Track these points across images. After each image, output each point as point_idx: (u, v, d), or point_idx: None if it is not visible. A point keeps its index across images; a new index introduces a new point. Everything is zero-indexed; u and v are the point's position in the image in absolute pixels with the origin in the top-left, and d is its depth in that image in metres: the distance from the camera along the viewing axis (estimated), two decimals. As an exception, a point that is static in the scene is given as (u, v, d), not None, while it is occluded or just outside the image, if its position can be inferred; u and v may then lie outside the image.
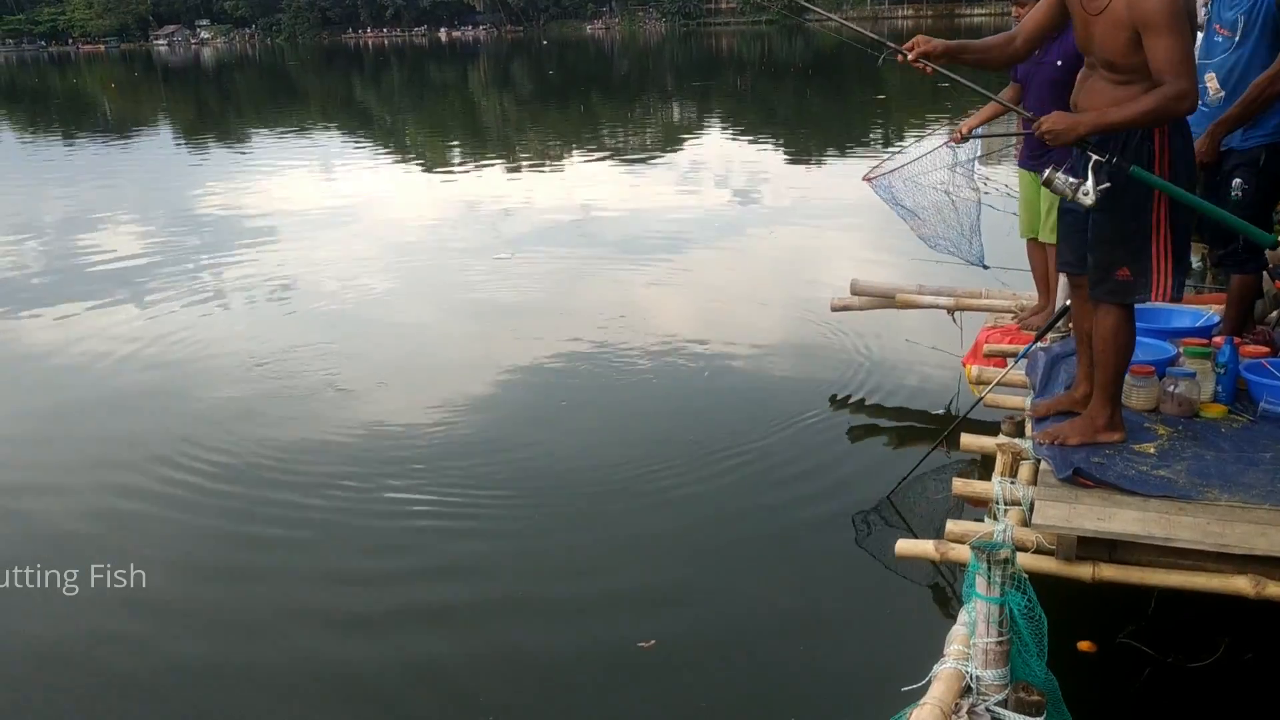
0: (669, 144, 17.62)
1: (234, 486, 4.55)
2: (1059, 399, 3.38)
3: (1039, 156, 4.34)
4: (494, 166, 15.54)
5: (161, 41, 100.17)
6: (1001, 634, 2.00)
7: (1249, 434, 3.16)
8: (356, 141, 20.36)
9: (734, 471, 4.50)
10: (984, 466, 3.77)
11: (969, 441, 3.49)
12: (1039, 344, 4.05)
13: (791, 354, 6.12)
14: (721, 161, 14.87)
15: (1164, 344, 3.66)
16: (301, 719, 3.12)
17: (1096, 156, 2.82)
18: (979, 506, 3.30)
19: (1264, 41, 3.77)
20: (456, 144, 19.86)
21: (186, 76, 51.86)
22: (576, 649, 3.37)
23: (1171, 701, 2.93)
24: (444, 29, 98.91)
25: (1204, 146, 3.79)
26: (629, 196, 12.12)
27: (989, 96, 3.41)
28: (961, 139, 5.11)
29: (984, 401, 3.96)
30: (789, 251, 9.01)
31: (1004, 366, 4.11)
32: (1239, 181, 3.81)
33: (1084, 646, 3.04)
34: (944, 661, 2.12)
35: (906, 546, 3.08)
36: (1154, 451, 3.04)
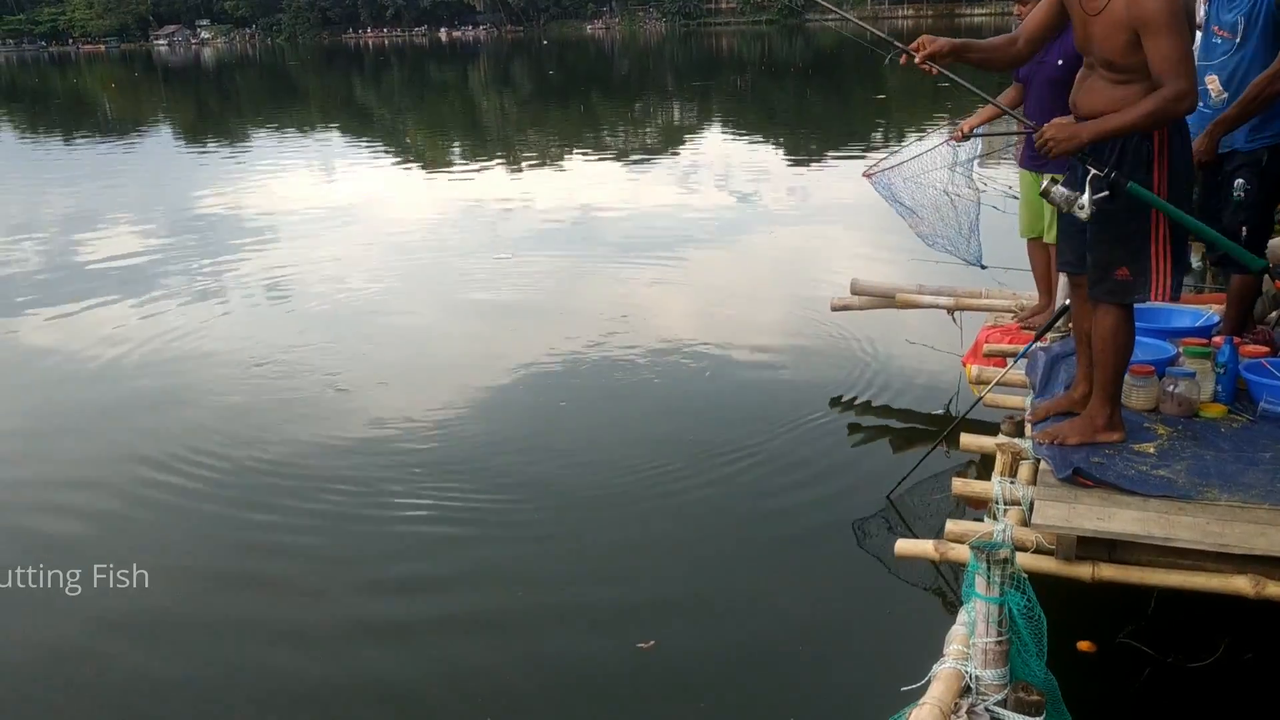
0: (669, 144, 17.63)
1: (236, 486, 4.56)
2: (1058, 399, 3.38)
3: (1040, 157, 4.33)
4: (494, 166, 15.53)
5: (162, 41, 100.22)
6: (1001, 634, 2.00)
7: (1249, 434, 3.16)
8: (357, 141, 20.36)
9: (733, 472, 4.51)
10: (984, 466, 3.77)
11: (969, 441, 3.50)
12: (1038, 344, 4.05)
13: (791, 354, 6.13)
14: (721, 161, 14.87)
15: (1164, 344, 3.67)
16: None
17: (1094, 171, 2.83)
18: (979, 507, 3.30)
19: (1265, 42, 3.77)
20: (457, 144, 19.87)
21: (187, 76, 51.88)
22: (576, 649, 3.37)
23: (1171, 701, 2.93)
24: (444, 29, 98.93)
25: (1202, 146, 3.79)
26: (629, 196, 12.12)
27: (987, 100, 3.40)
28: (963, 137, 5.11)
29: (984, 401, 3.97)
30: (789, 251, 9.01)
31: (1004, 366, 4.11)
32: (1241, 182, 3.80)
33: (1084, 646, 3.04)
34: (943, 661, 2.12)
35: (906, 546, 3.09)
36: (1154, 451, 3.04)
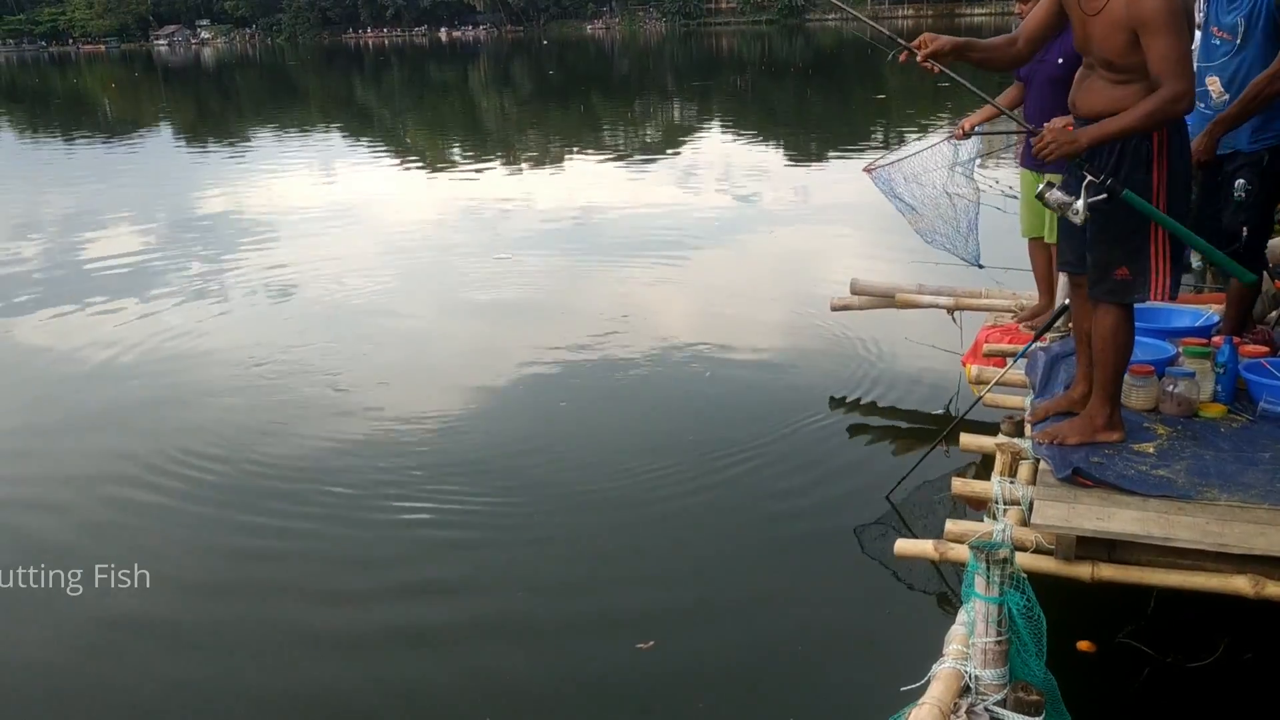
0: (669, 144, 17.62)
1: (236, 486, 4.55)
2: (1058, 399, 3.38)
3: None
4: (494, 166, 15.53)
5: (162, 41, 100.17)
6: (1000, 634, 2.00)
7: (1248, 434, 3.16)
8: (357, 142, 20.36)
9: (733, 473, 4.50)
10: (983, 466, 3.77)
11: (968, 441, 3.49)
12: (1038, 343, 4.05)
13: (792, 354, 6.13)
14: (721, 161, 14.86)
15: (1163, 344, 3.67)
16: None
17: (1091, 177, 2.83)
18: (978, 507, 3.30)
19: (1266, 43, 3.76)
20: (457, 144, 19.86)
21: (187, 76, 51.87)
22: (576, 649, 3.37)
23: (1171, 701, 2.93)
24: (444, 29, 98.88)
25: (1201, 145, 3.78)
26: (629, 196, 12.12)
27: (987, 100, 3.40)
28: (964, 135, 5.11)
29: (983, 401, 3.96)
30: (789, 251, 9.01)
31: (1004, 366, 4.11)
32: (1242, 182, 3.80)
33: (1083, 646, 3.04)
34: (943, 661, 2.12)
35: (905, 546, 3.09)
36: (1153, 451, 3.04)
